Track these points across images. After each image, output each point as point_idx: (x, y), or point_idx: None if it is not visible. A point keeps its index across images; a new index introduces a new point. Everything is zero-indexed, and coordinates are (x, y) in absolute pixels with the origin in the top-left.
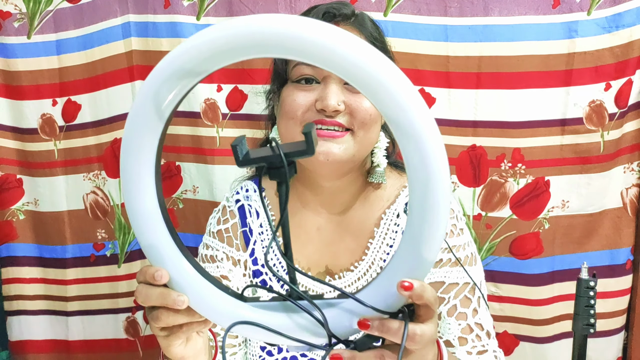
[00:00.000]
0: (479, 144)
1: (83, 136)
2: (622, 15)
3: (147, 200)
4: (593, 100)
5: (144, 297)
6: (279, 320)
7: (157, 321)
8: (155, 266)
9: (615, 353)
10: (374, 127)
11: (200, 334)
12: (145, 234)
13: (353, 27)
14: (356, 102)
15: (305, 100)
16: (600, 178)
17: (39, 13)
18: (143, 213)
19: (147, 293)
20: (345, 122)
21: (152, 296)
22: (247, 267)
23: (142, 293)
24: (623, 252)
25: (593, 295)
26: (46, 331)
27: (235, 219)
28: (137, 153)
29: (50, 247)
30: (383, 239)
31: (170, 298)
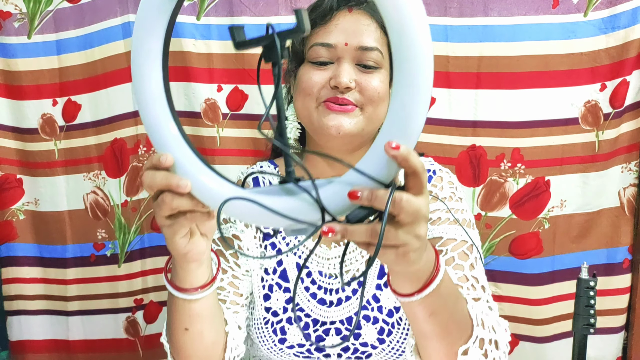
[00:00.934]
0: (479, 144)
1: (83, 136)
2: (618, 17)
3: (153, 84)
4: (588, 101)
5: (150, 180)
6: (276, 203)
7: (162, 205)
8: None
9: (615, 352)
10: (382, 105)
11: (204, 236)
12: (149, 117)
13: (365, 12)
14: (366, 81)
15: (320, 78)
16: (597, 177)
17: (39, 13)
18: (149, 96)
19: (153, 176)
20: (355, 99)
21: (156, 178)
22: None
23: (147, 177)
24: (620, 251)
25: (593, 295)
26: (46, 331)
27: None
28: (147, 35)
29: (51, 247)
30: None
31: (174, 180)
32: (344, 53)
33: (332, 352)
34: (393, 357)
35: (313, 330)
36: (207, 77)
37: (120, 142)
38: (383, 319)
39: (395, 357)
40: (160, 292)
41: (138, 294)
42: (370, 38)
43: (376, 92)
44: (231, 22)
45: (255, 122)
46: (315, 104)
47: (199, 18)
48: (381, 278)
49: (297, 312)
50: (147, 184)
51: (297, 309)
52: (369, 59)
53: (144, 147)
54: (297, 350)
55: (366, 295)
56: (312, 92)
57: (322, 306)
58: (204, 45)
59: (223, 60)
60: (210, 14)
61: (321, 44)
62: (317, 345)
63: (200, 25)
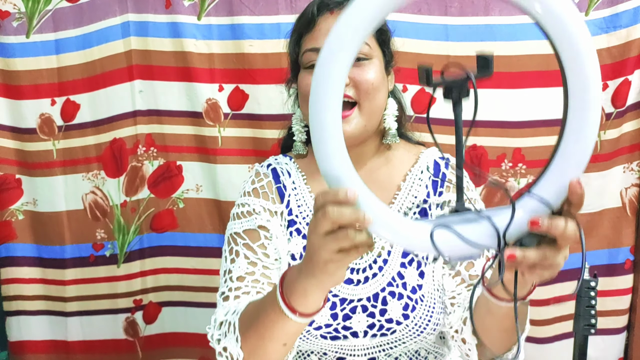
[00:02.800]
0: (480, 144)
1: (82, 136)
2: (619, 16)
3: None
4: None
5: (337, 215)
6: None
7: (345, 240)
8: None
9: (617, 353)
10: (378, 96)
11: None
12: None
13: None
14: (359, 75)
15: None
16: (599, 178)
17: (38, 12)
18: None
19: (341, 211)
20: (352, 94)
21: (345, 214)
22: (283, 217)
23: (334, 212)
24: (622, 252)
25: (594, 295)
26: (45, 332)
27: (269, 177)
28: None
29: (49, 248)
30: (409, 191)
31: (362, 214)
32: None
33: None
34: (415, 333)
35: (340, 309)
36: (208, 77)
37: (119, 142)
38: (408, 295)
39: (417, 334)
40: (160, 293)
41: (137, 295)
42: None
43: (370, 84)
44: (231, 21)
45: (256, 122)
46: None
47: (199, 18)
48: (405, 257)
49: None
50: (331, 222)
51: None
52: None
53: (143, 147)
54: (324, 332)
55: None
56: None
57: (350, 285)
58: (205, 46)
59: (224, 60)
60: (211, 14)
61: (310, 49)
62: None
63: (201, 25)
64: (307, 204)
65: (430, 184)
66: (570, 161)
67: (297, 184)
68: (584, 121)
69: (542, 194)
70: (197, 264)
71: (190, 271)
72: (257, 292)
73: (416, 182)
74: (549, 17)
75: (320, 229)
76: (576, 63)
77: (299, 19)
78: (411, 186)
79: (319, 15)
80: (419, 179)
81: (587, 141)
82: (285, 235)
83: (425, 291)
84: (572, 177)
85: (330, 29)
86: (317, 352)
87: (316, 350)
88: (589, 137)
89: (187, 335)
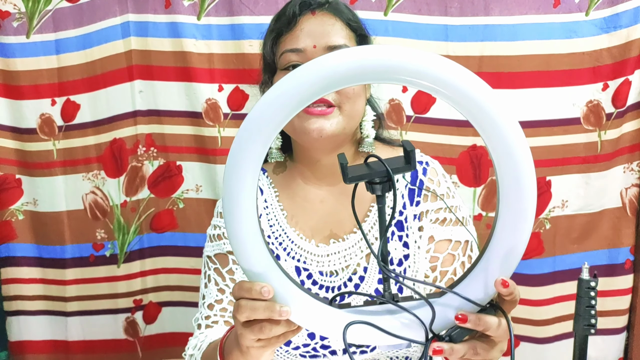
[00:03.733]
0: (480, 144)
1: (82, 136)
2: (619, 16)
3: (249, 224)
4: (590, 100)
5: (250, 311)
6: (384, 323)
7: (260, 333)
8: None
9: (617, 353)
10: (358, 101)
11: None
12: (243, 248)
13: (328, 13)
14: None
15: None
16: (599, 178)
17: (38, 12)
18: (246, 239)
19: (254, 306)
20: (332, 99)
21: (259, 309)
22: None
23: (247, 307)
24: (622, 252)
25: (594, 295)
26: (45, 332)
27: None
28: (240, 181)
29: (50, 248)
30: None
31: (277, 310)
32: (313, 55)
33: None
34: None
35: None
36: (208, 77)
37: (119, 142)
38: None
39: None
40: (160, 293)
41: (137, 295)
42: (337, 36)
43: (351, 89)
44: (231, 21)
45: None
46: None
47: (199, 18)
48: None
49: None
50: (245, 315)
51: None
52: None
53: (143, 147)
54: (302, 351)
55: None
56: None
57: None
58: (205, 46)
59: (224, 60)
60: (211, 14)
61: (290, 50)
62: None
63: (200, 25)
64: (278, 223)
65: (407, 193)
66: (499, 258)
67: (270, 201)
68: (517, 219)
69: (473, 289)
70: (197, 264)
71: (190, 271)
72: (224, 322)
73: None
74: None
75: (238, 319)
76: (509, 163)
77: (277, 19)
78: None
79: (300, 15)
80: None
81: (519, 238)
82: None
83: None
84: (499, 275)
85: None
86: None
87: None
88: (521, 235)
89: (187, 335)
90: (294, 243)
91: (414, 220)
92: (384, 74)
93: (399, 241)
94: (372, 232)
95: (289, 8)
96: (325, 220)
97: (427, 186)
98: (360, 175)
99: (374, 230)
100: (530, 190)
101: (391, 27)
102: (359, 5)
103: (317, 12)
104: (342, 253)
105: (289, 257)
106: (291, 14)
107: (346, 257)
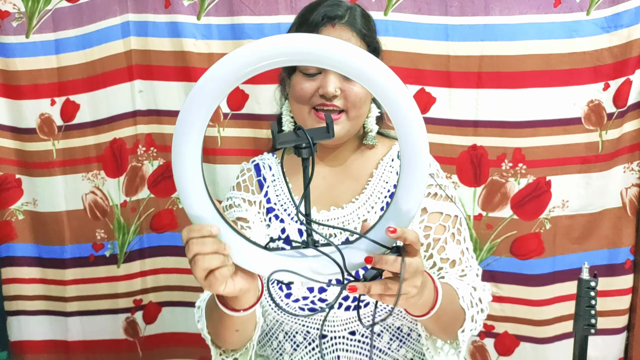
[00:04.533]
0: (480, 144)
1: (82, 136)
2: (620, 16)
3: (195, 177)
4: (592, 100)
5: (200, 246)
6: (305, 265)
7: (209, 263)
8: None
9: (617, 353)
10: (364, 107)
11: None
12: (195, 206)
13: (346, 26)
14: (349, 88)
15: (311, 88)
16: (600, 178)
17: (38, 12)
18: (192, 190)
19: (204, 241)
20: (341, 104)
21: (207, 244)
22: (261, 205)
23: (197, 243)
24: (622, 252)
25: (594, 295)
26: (45, 331)
27: (251, 172)
28: (187, 138)
29: (49, 248)
30: (380, 177)
31: (222, 245)
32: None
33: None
34: (388, 307)
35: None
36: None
37: (119, 142)
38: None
39: (390, 307)
40: (160, 293)
41: (137, 295)
42: None
43: (358, 98)
44: (231, 21)
45: (256, 122)
46: (307, 109)
47: (199, 18)
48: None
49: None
50: (196, 250)
51: None
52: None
53: (143, 147)
54: (302, 304)
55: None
56: (304, 100)
57: None
58: (205, 45)
59: None
60: (211, 13)
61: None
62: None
63: (200, 25)
64: (284, 193)
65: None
66: (399, 211)
67: (277, 176)
68: (413, 180)
69: (379, 236)
70: None
71: (189, 271)
72: None
73: (387, 169)
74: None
75: (188, 257)
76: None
77: (300, 24)
78: (382, 173)
79: (321, 26)
80: (390, 167)
81: (414, 197)
82: (264, 222)
83: None
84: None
85: None
86: (301, 332)
87: (299, 330)
88: (416, 194)
89: (187, 335)
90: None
91: None
92: (299, 56)
93: None
94: (369, 202)
95: (311, 16)
96: (326, 192)
97: None
98: (288, 141)
99: (370, 201)
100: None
101: (391, 27)
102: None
103: (337, 24)
104: (340, 219)
105: (292, 221)
106: (314, 24)
107: (344, 223)
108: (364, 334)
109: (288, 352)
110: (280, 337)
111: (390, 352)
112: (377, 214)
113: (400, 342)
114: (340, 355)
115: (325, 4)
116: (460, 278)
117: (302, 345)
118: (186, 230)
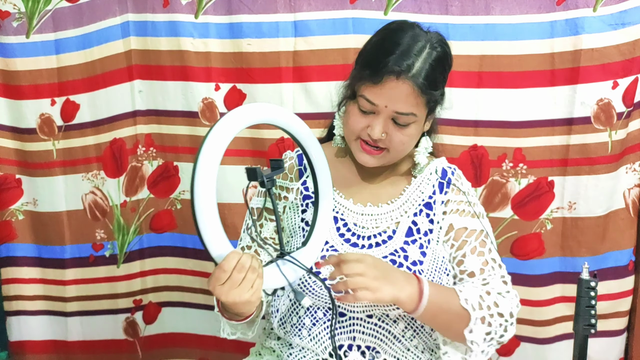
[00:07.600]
0: (480, 144)
1: (82, 136)
2: (627, 12)
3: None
4: (601, 99)
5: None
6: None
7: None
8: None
9: (617, 354)
10: (405, 147)
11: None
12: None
13: (409, 81)
14: (395, 134)
15: (361, 124)
16: (608, 179)
17: (38, 12)
18: (213, 233)
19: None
20: (383, 145)
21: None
22: (299, 192)
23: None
24: (626, 254)
25: (594, 295)
26: (45, 332)
27: (292, 160)
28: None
29: (49, 248)
30: (417, 187)
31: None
32: (382, 111)
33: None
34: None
35: None
36: (204, 76)
37: (119, 142)
38: (407, 266)
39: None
40: (159, 293)
41: (137, 295)
42: (407, 105)
43: (401, 144)
44: (230, 20)
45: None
46: (354, 137)
47: (197, 16)
48: (409, 236)
49: (331, 253)
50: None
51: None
52: (401, 120)
53: (143, 147)
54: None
55: (395, 246)
56: (353, 130)
57: (354, 248)
58: (202, 44)
59: (221, 59)
60: (209, 12)
61: (368, 99)
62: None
63: (198, 23)
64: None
65: (437, 184)
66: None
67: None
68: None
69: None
70: (196, 266)
71: (188, 272)
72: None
73: (425, 181)
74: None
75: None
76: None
77: (368, 61)
78: (420, 183)
79: (386, 74)
80: (428, 179)
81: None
82: (300, 207)
83: (425, 267)
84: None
85: (390, 94)
86: (322, 307)
87: (321, 306)
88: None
89: (187, 336)
90: (335, 200)
91: (441, 205)
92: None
93: (426, 218)
94: (404, 207)
95: (379, 57)
96: (366, 193)
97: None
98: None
99: (405, 206)
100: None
101: None
102: (359, 5)
103: (401, 77)
104: (374, 216)
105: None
106: (380, 71)
107: (377, 221)
108: (381, 317)
109: (307, 327)
110: (302, 312)
111: (404, 340)
112: (410, 218)
113: (414, 332)
114: (356, 337)
115: (400, 50)
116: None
117: (321, 321)
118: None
